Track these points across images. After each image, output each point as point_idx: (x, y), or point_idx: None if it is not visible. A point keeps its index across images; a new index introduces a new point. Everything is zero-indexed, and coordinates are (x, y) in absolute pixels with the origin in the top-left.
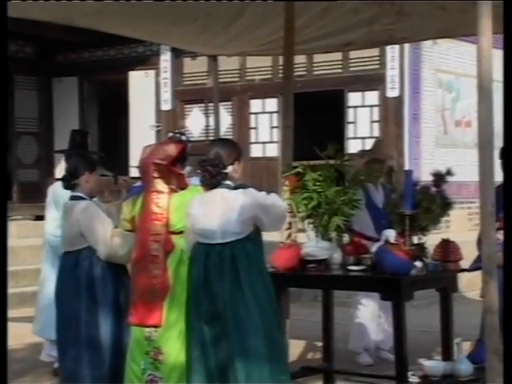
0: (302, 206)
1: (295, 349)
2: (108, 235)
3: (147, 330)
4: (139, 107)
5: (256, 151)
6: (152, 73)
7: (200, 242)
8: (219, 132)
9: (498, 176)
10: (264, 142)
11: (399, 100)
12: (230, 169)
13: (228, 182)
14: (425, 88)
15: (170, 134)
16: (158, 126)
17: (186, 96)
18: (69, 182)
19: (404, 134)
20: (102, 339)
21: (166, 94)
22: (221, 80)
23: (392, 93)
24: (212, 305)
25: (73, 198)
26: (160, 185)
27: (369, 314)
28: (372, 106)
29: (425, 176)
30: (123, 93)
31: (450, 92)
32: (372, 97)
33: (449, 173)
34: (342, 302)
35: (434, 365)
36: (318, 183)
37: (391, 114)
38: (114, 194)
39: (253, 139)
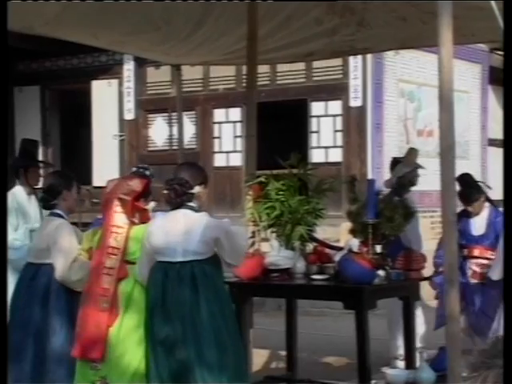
0: (265, 215)
1: (259, 358)
2: (70, 258)
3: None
4: (102, 116)
5: (219, 161)
6: (115, 82)
7: (159, 260)
8: (183, 141)
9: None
10: (227, 152)
11: (362, 109)
12: (196, 189)
13: (192, 204)
14: (387, 98)
15: (134, 169)
16: (121, 136)
17: (150, 105)
18: (48, 201)
19: (367, 143)
20: (51, 351)
21: (130, 104)
22: (184, 89)
23: (355, 102)
24: (169, 324)
25: (52, 214)
26: (120, 219)
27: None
28: (335, 116)
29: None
30: (86, 102)
31: (412, 102)
32: (335, 106)
33: (410, 182)
34: (306, 311)
35: (396, 373)
36: (281, 192)
37: (354, 123)
38: (77, 204)
39: (216, 148)
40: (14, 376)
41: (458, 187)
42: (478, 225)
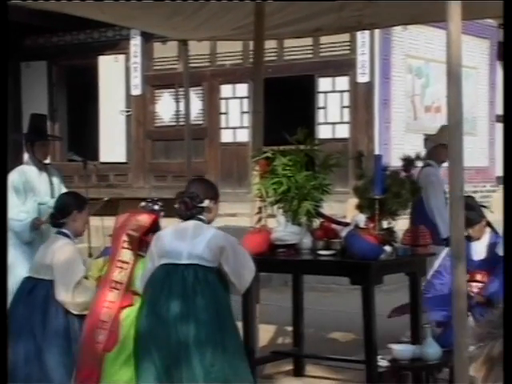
0: (271, 190)
1: (265, 334)
2: (74, 281)
3: None
4: (109, 92)
5: (226, 136)
6: (122, 57)
7: (163, 263)
8: (189, 117)
9: (467, 161)
10: (234, 128)
11: (369, 85)
12: (206, 202)
13: (202, 217)
14: (395, 74)
15: (143, 204)
16: (127, 111)
17: (156, 81)
18: (57, 219)
19: (374, 119)
20: (45, 370)
21: (136, 79)
22: (191, 65)
23: (362, 78)
24: (165, 327)
25: (58, 233)
26: (127, 255)
27: None
28: (342, 92)
29: (394, 161)
30: (93, 77)
31: (420, 78)
32: (342, 82)
33: (418, 158)
34: (312, 287)
35: (402, 349)
36: (287, 168)
37: (361, 99)
38: (84, 180)
39: (223, 124)
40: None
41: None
42: (479, 249)
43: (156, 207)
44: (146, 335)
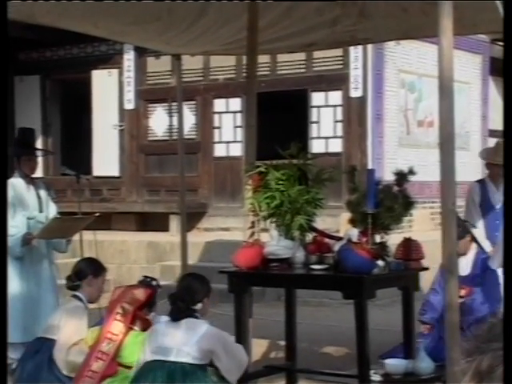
0: (264, 205)
1: (258, 348)
2: (72, 340)
3: None
4: (102, 106)
5: (219, 151)
6: (115, 72)
7: (151, 359)
8: (183, 131)
9: (460, 176)
10: (227, 142)
11: (362, 100)
12: (199, 306)
13: (196, 315)
14: (388, 88)
15: (141, 278)
16: (121, 126)
17: (150, 95)
18: (73, 282)
19: (367, 133)
20: None
21: (130, 94)
22: (184, 79)
23: (355, 93)
24: None
25: (73, 296)
26: (117, 327)
27: None
28: (335, 106)
29: (387, 175)
30: (86, 92)
31: (413, 92)
32: (335, 97)
33: (411, 172)
34: (305, 301)
35: (395, 363)
36: (280, 182)
37: (354, 113)
38: (77, 194)
39: (216, 139)
40: None
41: None
42: (465, 265)
43: (154, 283)
44: None
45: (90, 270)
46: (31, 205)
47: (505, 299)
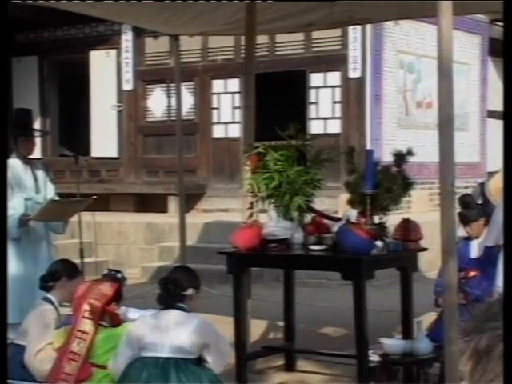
0: (263, 185)
1: (257, 328)
2: (36, 347)
3: None
4: (100, 87)
5: (218, 132)
6: (113, 52)
7: (142, 356)
8: (181, 112)
9: (458, 157)
10: (226, 123)
11: (361, 81)
12: (189, 291)
13: (184, 305)
14: (386, 69)
15: (106, 272)
16: (119, 106)
17: (148, 76)
18: (46, 282)
19: (366, 114)
20: None
21: (128, 74)
22: (183, 60)
23: (354, 73)
24: None
25: (44, 298)
26: (87, 325)
27: None
28: (334, 87)
29: (386, 156)
30: (84, 72)
31: (412, 73)
32: (334, 77)
33: (410, 153)
34: (304, 282)
35: (394, 343)
36: (279, 163)
37: (353, 94)
38: (75, 175)
39: (215, 120)
40: None
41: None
42: (476, 248)
43: (119, 275)
44: None
45: (64, 271)
46: (28, 186)
47: (505, 301)
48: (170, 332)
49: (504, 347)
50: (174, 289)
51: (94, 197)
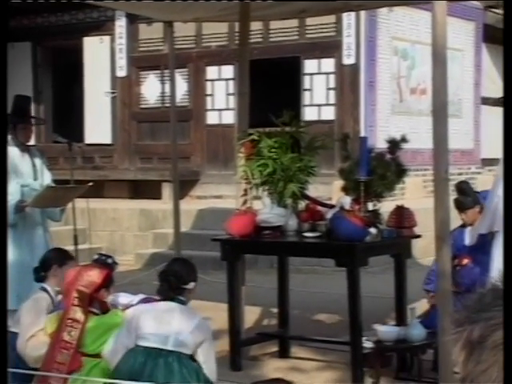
0: (257, 172)
1: (251, 315)
2: (28, 334)
3: None
4: (94, 73)
5: (212, 118)
6: (107, 39)
7: (145, 345)
8: (175, 99)
9: (452, 143)
10: (220, 109)
11: (355, 67)
12: (191, 285)
13: (183, 298)
14: (380, 55)
15: (96, 257)
16: (113, 93)
17: (142, 62)
18: (39, 273)
19: (360, 101)
20: None
21: (122, 61)
22: (177, 46)
23: (348, 60)
24: None
25: (40, 288)
26: (77, 313)
27: None
28: (328, 74)
29: (380, 143)
30: (78, 59)
31: (406, 59)
32: (328, 64)
33: (404, 140)
34: (298, 269)
35: (387, 330)
36: (273, 150)
37: (347, 81)
38: (69, 161)
39: (209, 106)
40: None
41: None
42: (470, 235)
43: (109, 261)
44: None
45: (54, 260)
46: (25, 172)
47: (505, 300)
48: (173, 325)
49: (504, 341)
50: (175, 282)
51: (91, 183)
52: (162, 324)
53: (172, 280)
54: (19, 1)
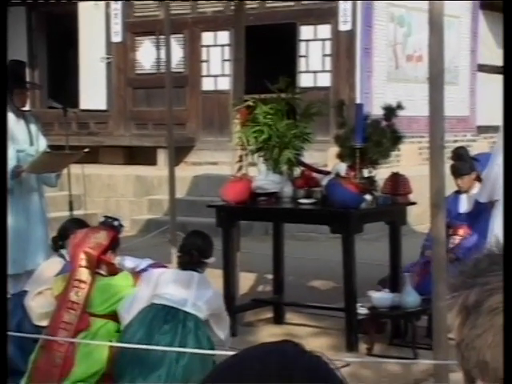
0: (252, 139)
1: (246, 281)
2: (36, 289)
3: None
4: (89, 39)
5: (207, 85)
6: (102, 4)
7: (164, 304)
8: (170, 65)
9: (448, 111)
10: (215, 76)
11: (351, 34)
12: (211, 260)
13: (201, 271)
14: (377, 22)
15: (103, 219)
16: (108, 58)
17: (137, 28)
18: (56, 243)
19: (356, 68)
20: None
21: (117, 26)
22: (172, 12)
23: (344, 26)
24: (155, 365)
25: (58, 254)
26: (84, 274)
27: None
28: (324, 40)
29: (376, 110)
30: (73, 24)
31: (402, 26)
32: (324, 30)
33: (399, 107)
34: (293, 236)
35: (382, 296)
36: (268, 116)
37: (343, 47)
38: (64, 127)
39: (204, 72)
40: None
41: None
42: (466, 202)
43: (116, 223)
44: (133, 364)
45: (71, 230)
46: (21, 138)
47: (505, 299)
48: (193, 291)
49: (504, 346)
50: (197, 256)
51: (87, 149)
52: (181, 288)
53: (195, 254)
54: None
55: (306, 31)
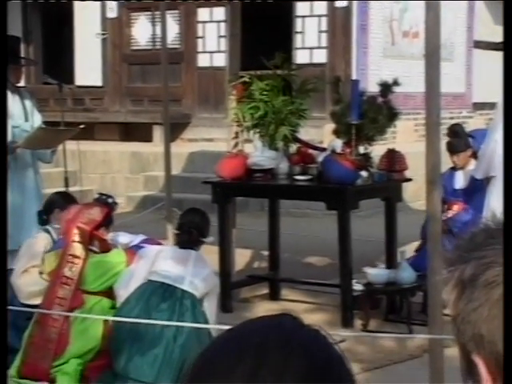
0: (248, 115)
1: (241, 258)
2: (22, 267)
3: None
4: (84, 15)
5: (203, 61)
6: None
7: (161, 281)
8: (166, 41)
9: (444, 87)
10: (211, 52)
11: (347, 10)
12: (210, 239)
13: (198, 249)
14: None
15: (97, 196)
16: (103, 34)
17: (132, 4)
18: (42, 217)
19: (352, 44)
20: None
21: (112, 2)
22: None
23: (340, 3)
24: (153, 341)
25: (44, 229)
26: (78, 250)
27: None
28: (320, 16)
29: (372, 86)
30: None
31: (398, 2)
32: (320, 6)
33: (395, 83)
34: (288, 212)
35: (377, 273)
36: (264, 93)
37: (339, 24)
38: (59, 103)
39: (200, 48)
40: None
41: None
42: (461, 178)
43: (110, 200)
44: (131, 341)
45: (56, 204)
46: (16, 114)
47: (505, 298)
48: (190, 269)
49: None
50: (196, 234)
51: (82, 126)
52: (179, 265)
53: (194, 232)
54: None
55: (302, 7)
